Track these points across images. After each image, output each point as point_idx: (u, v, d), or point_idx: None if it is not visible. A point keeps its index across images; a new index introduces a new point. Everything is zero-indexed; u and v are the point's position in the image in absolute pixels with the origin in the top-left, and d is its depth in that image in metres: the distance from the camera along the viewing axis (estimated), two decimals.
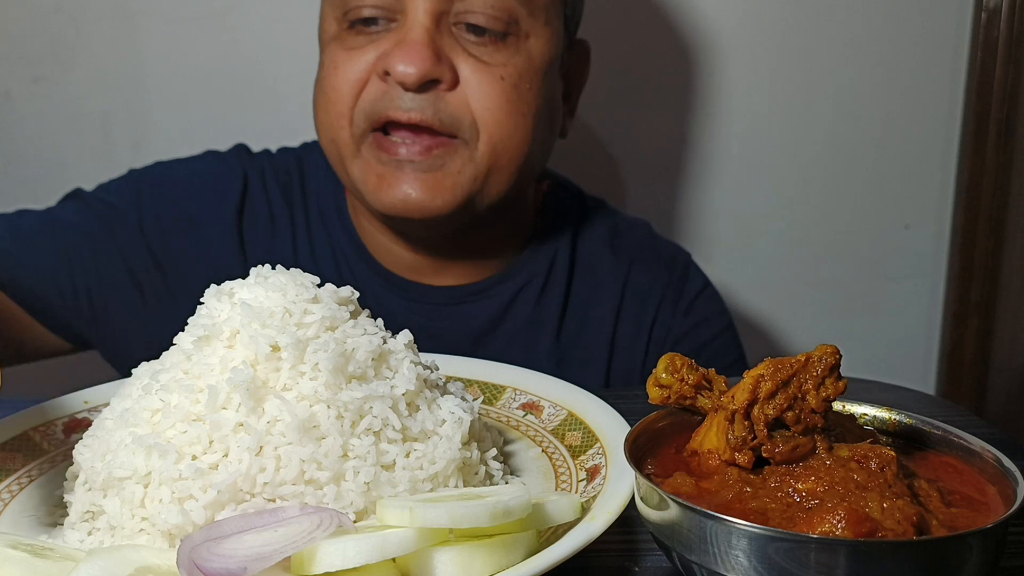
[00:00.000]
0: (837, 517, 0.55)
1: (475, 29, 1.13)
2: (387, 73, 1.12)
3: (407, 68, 1.09)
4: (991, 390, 1.82)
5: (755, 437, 0.62)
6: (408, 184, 1.13)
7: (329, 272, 1.25)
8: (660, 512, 0.60)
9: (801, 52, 1.72)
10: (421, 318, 1.24)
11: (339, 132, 1.16)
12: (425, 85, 1.11)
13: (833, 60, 1.73)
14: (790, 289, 1.84)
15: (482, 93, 1.12)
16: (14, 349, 1.20)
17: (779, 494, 0.59)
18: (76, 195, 1.29)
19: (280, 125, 1.57)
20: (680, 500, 0.58)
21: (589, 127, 1.73)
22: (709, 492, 0.61)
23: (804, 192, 1.81)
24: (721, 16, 1.70)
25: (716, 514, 0.55)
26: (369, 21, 1.14)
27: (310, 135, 1.31)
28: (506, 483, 0.81)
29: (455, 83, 1.12)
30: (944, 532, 0.56)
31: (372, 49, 1.13)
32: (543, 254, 1.31)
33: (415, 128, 1.13)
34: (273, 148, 1.39)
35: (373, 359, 0.78)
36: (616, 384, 1.29)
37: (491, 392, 0.96)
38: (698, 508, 0.56)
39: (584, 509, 0.69)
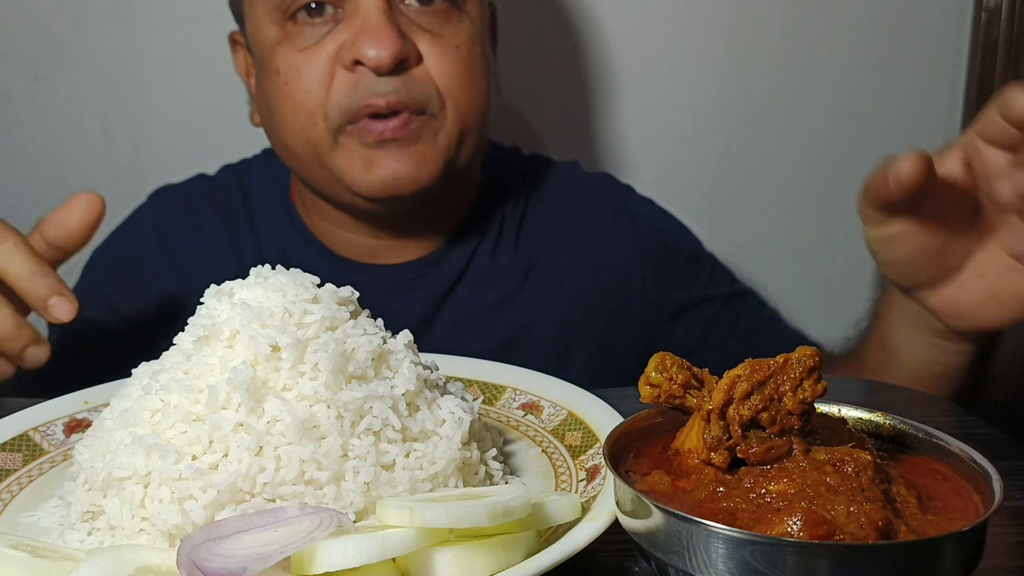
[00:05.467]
0: (794, 519, 0.55)
1: (425, 1, 1.16)
2: (355, 63, 1.13)
3: (380, 52, 1.10)
4: (991, 390, 1.81)
5: (731, 437, 0.62)
6: (395, 161, 1.15)
7: None
8: (633, 513, 0.60)
9: (801, 52, 1.72)
10: (386, 297, 1.26)
11: (313, 130, 1.16)
12: (396, 66, 1.12)
13: (833, 60, 1.73)
14: (790, 289, 1.84)
15: (443, 65, 1.16)
16: None
17: (751, 495, 0.59)
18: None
19: None
20: (648, 499, 0.58)
21: (593, 128, 1.73)
22: (684, 491, 0.61)
23: (804, 192, 1.81)
24: (720, 14, 1.70)
25: (684, 513, 0.55)
26: (312, 11, 1.14)
27: None
28: (506, 483, 0.81)
29: (419, 59, 1.15)
30: (911, 537, 0.55)
31: (329, 42, 1.14)
32: (494, 210, 1.35)
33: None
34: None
35: (373, 359, 0.78)
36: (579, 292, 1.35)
37: (491, 392, 0.96)
38: (666, 507, 0.56)
39: (584, 509, 0.69)
